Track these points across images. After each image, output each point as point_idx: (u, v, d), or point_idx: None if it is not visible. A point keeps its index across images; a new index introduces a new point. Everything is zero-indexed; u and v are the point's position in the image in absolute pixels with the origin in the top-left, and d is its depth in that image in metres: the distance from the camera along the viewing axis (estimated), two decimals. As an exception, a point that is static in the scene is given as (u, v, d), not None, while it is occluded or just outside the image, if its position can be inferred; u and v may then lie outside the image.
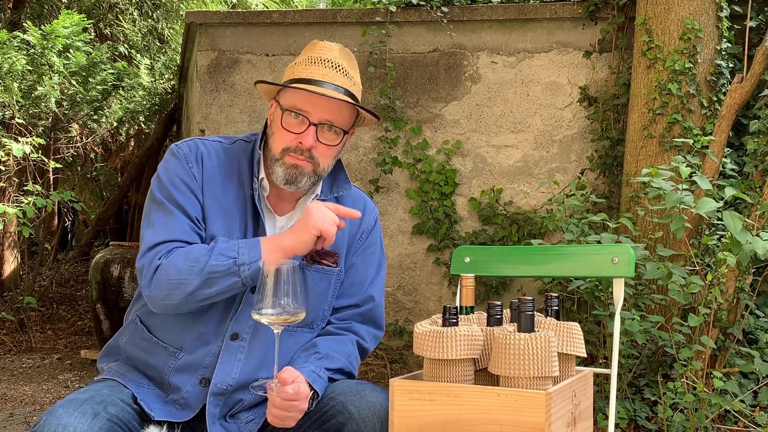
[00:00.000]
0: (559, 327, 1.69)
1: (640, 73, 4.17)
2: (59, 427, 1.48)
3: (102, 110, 6.42)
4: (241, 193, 1.78)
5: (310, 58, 1.76)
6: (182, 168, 1.75)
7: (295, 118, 1.71)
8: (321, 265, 1.81)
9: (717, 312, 3.26)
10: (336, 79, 1.73)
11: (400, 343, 4.89)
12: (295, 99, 1.72)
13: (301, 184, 1.74)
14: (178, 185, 1.74)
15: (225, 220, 1.75)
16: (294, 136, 1.71)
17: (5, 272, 6.59)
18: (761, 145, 3.69)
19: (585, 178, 4.70)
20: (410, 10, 4.87)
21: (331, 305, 1.85)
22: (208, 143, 1.82)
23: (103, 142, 7.74)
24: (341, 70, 1.75)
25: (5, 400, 4.23)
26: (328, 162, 1.77)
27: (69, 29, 5.50)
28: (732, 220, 2.77)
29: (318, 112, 1.71)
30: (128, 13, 7.43)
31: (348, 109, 1.75)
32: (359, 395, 1.65)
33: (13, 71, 5.25)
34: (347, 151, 4.98)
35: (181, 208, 1.72)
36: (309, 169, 1.73)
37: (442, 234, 4.84)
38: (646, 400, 3.49)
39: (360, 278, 1.88)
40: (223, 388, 1.71)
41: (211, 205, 1.75)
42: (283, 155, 1.72)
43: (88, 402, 1.57)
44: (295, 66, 1.77)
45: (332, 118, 1.72)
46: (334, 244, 1.80)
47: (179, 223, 1.70)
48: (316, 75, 1.72)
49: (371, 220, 1.91)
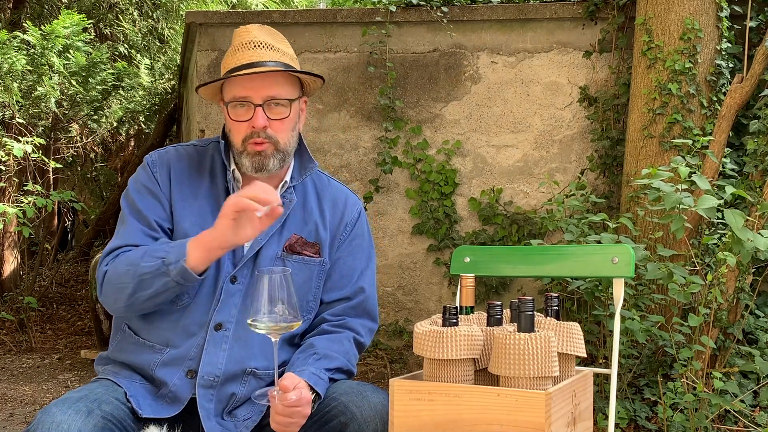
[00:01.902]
0: (559, 327, 1.69)
1: (640, 73, 4.17)
2: (53, 424, 1.49)
3: (102, 110, 6.42)
4: (215, 188, 1.82)
5: (233, 47, 1.80)
6: (147, 175, 1.81)
7: (241, 107, 1.75)
8: (301, 256, 1.82)
9: (717, 312, 3.26)
10: (263, 56, 1.75)
11: (400, 343, 4.89)
12: (233, 90, 1.76)
13: (270, 166, 1.77)
14: (141, 191, 1.80)
15: (198, 216, 1.78)
16: (246, 123, 1.75)
17: (5, 272, 6.59)
18: (761, 145, 3.69)
19: (585, 178, 4.70)
20: (410, 10, 4.87)
21: (316, 297, 1.85)
22: (181, 148, 1.87)
23: (103, 142, 7.74)
24: (265, 45, 1.77)
25: (5, 400, 4.23)
26: (287, 136, 1.79)
27: (69, 29, 5.50)
28: (734, 217, 2.77)
29: (257, 92, 1.74)
30: (128, 13, 7.43)
31: (285, 79, 1.78)
32: (361, 396, 1.66)
33: (13, 71, 5.25)
34: (347, 151, 4.99)
35: (138, 213, 1.77)
36: (271, 150, 1.76)
37: (442, 234, 4.84)
38: (646, 400, 3.49)
39: (348, 270, 1.88)
40: (209, 379, 1.72)
41: (181, 204, 1.79)
42: (245, 146, 1.76)
43: (82, 400, 1.57)
44: (225, 60, 1.81)
45: (273, 93, 1.75)
46: (316, 236, 1.83)
47: (133, 230, 1.76)
48: (243, 59, 1.75)
49: (354, 212, 1.92)
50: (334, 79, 5.01)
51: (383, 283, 4.95)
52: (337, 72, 5.00)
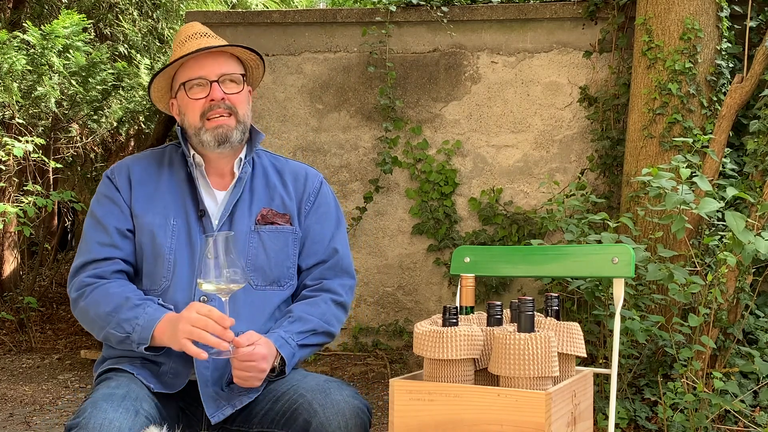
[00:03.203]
0: (559, 327, 1.69)
1: (640, 73, 4.17)
2: (105, 420, 1.55)
3: (102, 110, 6.41)
4: (175, 178, 1.92)
5: (180, 41, 1.92)
6: (105, 185, 1.93)
7: (198, 86, 1.86)
8: (274, 225, 1.91)
9: (717, 312, 3.26)
10: (209, 42, 1.89)
11: (400, 343, 4.89)
12: (188, 73, 1.87)
13: (233, 138, 1.86)
14: (100, 200, 1.91)
15: (161, 206, 1.88)
16: (203, 99, 1.86)
17: (5, 272, 6.58)
18: (761, 145, 3.69)
19: (585, 178, 4.70)
20: (410, 10, 4.87)
21: (295, 263, 1.94)
22: (140, 154, 1.99)
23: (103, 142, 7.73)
24: (209, 35, 1.92)
25: (5, 400, 4.23)
26: (245, 108, 1.91)
27: (69, 29, 5.49)
28: (734, 220, 2.77)
29: (211, 70, 1.86)
30: (128, 13, 7.43)
31: (232, 59, 1.91)
32: (324, 393, 1.71)
33: (13, 71, 5.25)
34: (347, 151, 4.99)
35: (96, 222, 1.88)
36: (233, 123, 1.87)
37: (442, 234, 4.84)
38: (646, 400, 3.49)
39: (319, 237, 1.97)
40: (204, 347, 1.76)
41: (143, 200, 1.88)
42: (203, 122, 1.86)
43: (127, 398, 1.64)
44: (173, 54, 1.93)
45: (225, 70, 1.87)
46: (284, 207, 1.93)
47: (91, 244, 1.86)
48: (192, 47, 1.87)
49: (316, 182, 2.01)
50: (334, 79, 5.01)
51: (383, 283, 4.95)
52: (337, 72, 5.00)
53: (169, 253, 1.84)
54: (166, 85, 1.94)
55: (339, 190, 5.01)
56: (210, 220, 1.87)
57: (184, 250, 1.85)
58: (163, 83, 1.93)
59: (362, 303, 4.96)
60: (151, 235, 1.85)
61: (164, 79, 1.92)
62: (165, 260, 1.83)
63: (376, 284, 4.95)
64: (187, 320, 1.67)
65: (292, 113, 5.06)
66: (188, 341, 1.65)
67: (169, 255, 1.83)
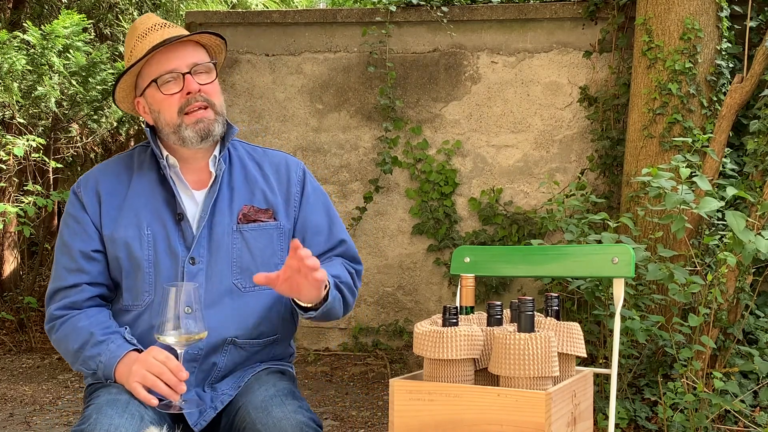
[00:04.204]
0: (559, 327, 1.69)
1: (640, 73, 4.17)
2: (111, 426, 1.53)
3: (102, 110, 6.41)
4: (149, 182, 1.83)
5: (138, 36, 1.81)
6: (72, 204, 1.84)
7: (170, 80, 1.76)
8: (257, 222, 1.83)
9: (717, 312, 3.26)
10: (169, 33, 1.79)
11: (400, 343, 4.89)
12: (156, 68, 1.77)
13: (215, 131, 1.78)
14: (67, 222, 1.83)
15: (134, 216, 1.79)
16: (178, 95, 1.76)
17: (5, 272, 6.58)
18: (761, 145, 3.69)
19: (585, 178, 4.70)
20: (410, 10, 4.87)
21: (283, 259, 1.84)
22: (109, 162, 1.89)
23: (103, 142, 7.73)
24: (167, 25, 1.82)
25: (5, 400, 4.23)
26: (220, 99, 1.82)
27: (69, 29, 5.49)
28: (735, 219, 2.77)
29: (181, 61, 1.76)
30: (128, 13, 7.43)
31: (198, 47, 1.82)
32: (265, 412, 1.66)
33: (13, 71, 5.25)
34: (347, 151, 4.99)
35: (64, 246, 1.80)
36: (211, 115, 1.78)
37: (442, 234, 4.84)
38: (646, 400, 3.49)
39: (318, 228, 1.91)
40: (193, 353, 1.74)
41: (113, 214, 1.80)
42: (182, 117, 1.77)
43: (132, 403, 1.61)
44: (131, 54, 1.81)
45: (195, 59, 1.78)
46: (266, 202, 1.85)
47: (60, 271, 1.80)
48: (153, 40, 1.77)
49: (299, 171, 1.93)
50: (334, 79, 5.01)
51: (383, 283, 4.95)
52: (337, 72, 5.00)
53: (148, 265, 1.76)
54: (129, 84, 1.83)
55: (339, 190, 5.01)
56: (189, 223, 1.79)
57: (165, 259, 1.77)
58: (126, 83, 1.82)
59: (362, 303, 4.96)
60: (126, 249, 1.77)
61: (128, 78, 1.81)
62: (144, 273, 1.76)
63: (376, 284, 4.95)
64: (143, 363, 1.62)
65: (292, 113, 5.06)
66: (139, 385, 1.61)
67: (148, 268, 1.76)
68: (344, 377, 4.56)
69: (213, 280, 1.78)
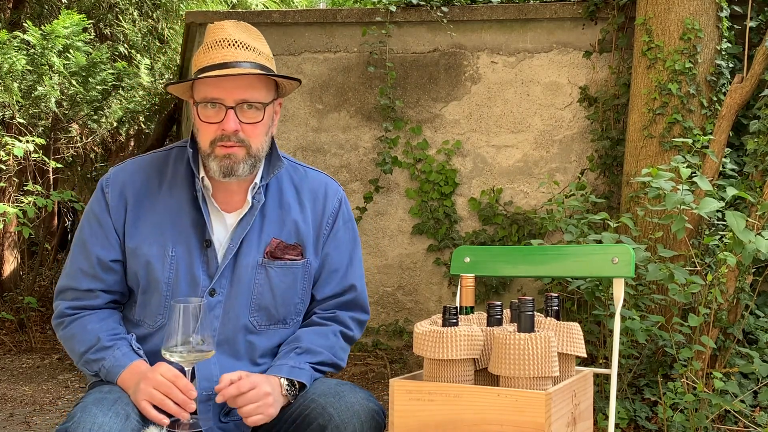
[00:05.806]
0: (559, 327, 1.69)
1: (640, 73, 4.17)
2: (95, 426, 1.49)
3: (102, 110, 6.41)
4: (175, 199, 1.74)
5: (206, 44, 1.70)
6: (98, 201, 1.76)
7: (212, 108, 1.66)
8: (283, 261, 1.76)
9: (717, 312, 3.26)
10: (238, 56, 1.66)
11: (400, 343, 4.89)
12: (204, 90, 1.66)
13: (239, 172, 1.68)
14: (90, 220, 1.76)
15: (160, 235, 1.72)
16: (215, 126, 1.66)
17: (5, 272, 6.58)
18: (761, 145, 3.69)
19: (585, 178, 4.70)
20: (410, 10, 4.87)
21: (303, 299, 1.81)
22: (141, 159, 1.80)
23: (103, 142, 7.73)
24: (240, 44, 1.68)
25: (5, 400, 4.23)
26: (260, 141, 1.70)
27: (69, 29, 5.49)
28: (735, 220, 2.77)
29: (229, 94, 1.64)
30: (128, 13, 7.43)
31: (261, 82, 1.69)
32: (338, 396, 1.65)
33: (13, 71, 5.25)
34: (347, 151, 4.99)
35: (83, 246, 1.75)
36: (242, 154, 1.67)
37: (442, 234, 4.84)
38: (646, 400, 3.49)
39: (336, 266, 1.84)
40: (207, 393, 1.70)
41: (136, 224, 1.72)
42: (213, 148, 1.67)
43: (118, 402, 1.58)
44: (196, 58, 1.71)
45: (246, 96, 1.65)
46: (297, 235, 1.77)
47: (75, 272, 1.75)
48: (217, 58, 1.65)
49: (335, 202, 1.85)
50: (334, 79, 5.01)
51: (383, 283, 4.95)
52: (337, 72, 5.00)
53: (167, 289, 1.70)
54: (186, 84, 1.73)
55: (339, 190, 5.00)
56: (215, 252, 1.72)
57: (185, 286, 1.71)
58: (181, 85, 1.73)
59: (362, 303, 4.95)
60: (147, 267, 1.70)
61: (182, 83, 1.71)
62: (162, 297, 1.70)
63: (376, 284, 4.95)
64: (150, 382, 1.58)
65: (292, 113, 5.06)
66: (148, 404, 1.57)
67: (166, 291, 1.70)
68: (344, 377, 4.56)
69: (230, 314, 1.74)
